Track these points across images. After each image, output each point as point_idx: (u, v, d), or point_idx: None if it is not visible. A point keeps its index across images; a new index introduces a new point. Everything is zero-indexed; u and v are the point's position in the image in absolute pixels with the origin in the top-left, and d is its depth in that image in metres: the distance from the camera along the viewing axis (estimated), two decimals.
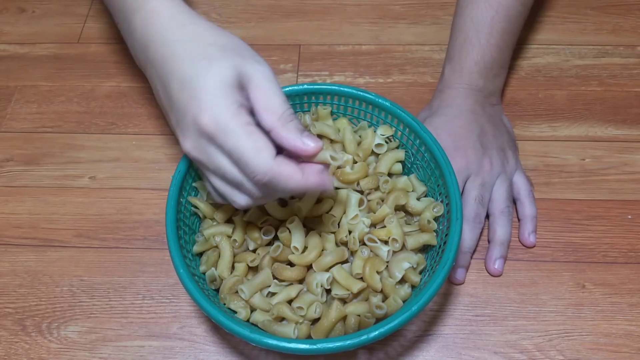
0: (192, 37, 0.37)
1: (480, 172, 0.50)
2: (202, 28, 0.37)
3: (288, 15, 0.67)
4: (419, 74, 0.62)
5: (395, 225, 0.44)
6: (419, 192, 0.47)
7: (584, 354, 0.45)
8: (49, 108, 0.61)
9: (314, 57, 0.63)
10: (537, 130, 0.57)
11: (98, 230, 0.53)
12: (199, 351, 0.47)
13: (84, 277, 0.50)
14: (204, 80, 0.34)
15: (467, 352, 0.46)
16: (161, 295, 0.49)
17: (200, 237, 0.46)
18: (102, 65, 0.64)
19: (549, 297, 0.48)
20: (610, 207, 0.52)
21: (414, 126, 0.45)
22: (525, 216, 0.51)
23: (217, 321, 0.38)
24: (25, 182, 0.56)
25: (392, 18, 0.66)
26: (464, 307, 0.48)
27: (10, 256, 0.52)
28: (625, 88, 0.60)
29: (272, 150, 0.34)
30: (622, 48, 0.62)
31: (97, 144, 0.58)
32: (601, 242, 0.51)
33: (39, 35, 0.67)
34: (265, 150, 0.33)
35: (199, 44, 0.36)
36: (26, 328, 0.48)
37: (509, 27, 0.54)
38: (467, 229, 0.48)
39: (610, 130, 0.57)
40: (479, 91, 0.53)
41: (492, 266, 0.49)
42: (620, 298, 0.48)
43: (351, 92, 0.47)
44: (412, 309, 0.37)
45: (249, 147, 0.33)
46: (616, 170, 0.54)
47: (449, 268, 0.39)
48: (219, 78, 0.34)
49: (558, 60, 0.62)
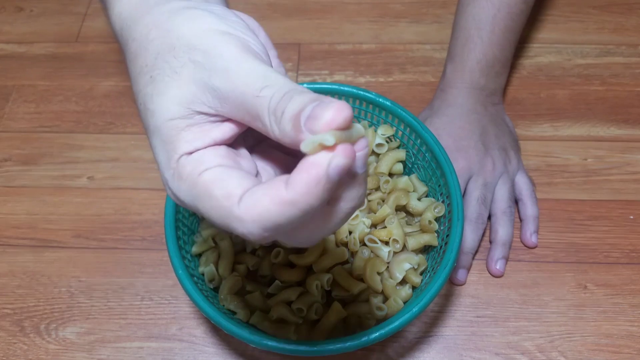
0: (140, 44, 0.26)
1: (482, 172, 0.49)
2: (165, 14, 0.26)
3: (288, 14, 0.67)
4: (420, 73, 0.61)
5: (396, 225, 0.43)
6: (420, 193, 0.46)
7: (586, 355, 0.45)
8: (47, 107, 0.61)
9: (314, 56, 0.63)
10: (539, 130, 0.57)
11: (96, 230, 0.52)
12: (198, 352, 0.46)
13: (83, 278, 0.50)
14: (150, 123, 0.25)
15: (468, 353, 0.46)
16: (160, 297, 0.49)
17: (199, 238, 0.45)
18: (101, 64, 0.64)
19: (550, 298, 0.48)
20: (612, 208, 0.52)
21: (414, 126, 0.45)
22: (527, 216, 0.50)
23: (217, 322, 0.37)
24: (23, 182, 0.56)
25: (393, 17, 0.66)
26: (465, 308, 0.48)
27: (9, 257, 0.51)
28: (627, 87, 0.59)
29: (239, 190, 0.22)
30: (624, 47, 0.62)
31: (96, 143, 0.58)
32: (603, 243, 0.50)
33: (37, 35, 0.66)
34: (225, 199, 0.22)
35: (141, 59, 0.26)
36: (24, 329, 0.48)
37: (511, 25, 0.53)
38: (469, 229, 0.48)
39: (613, 130, 0.56)
40: (481, 90, 0.53)
41: (493, 267, 0.48)
42: (622, 299, 0.47)
43: (351, 91, 0.47)
44: (413, 310, 0.37)
45: (207, 206, 0.23)
46: (618, 170, 0.54)
47: (450, 269, 0.39)
48: (167, 117, 0.24)
49: (560, 59, 0.62)
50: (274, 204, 0.20)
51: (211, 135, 0.24)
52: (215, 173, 0.23)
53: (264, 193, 0.21)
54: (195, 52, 0.24)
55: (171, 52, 0.24)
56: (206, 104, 0.24)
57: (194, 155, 0.24)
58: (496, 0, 0.53)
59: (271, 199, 0.20)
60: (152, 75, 0.25)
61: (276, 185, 0.21)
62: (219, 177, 0.23)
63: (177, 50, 0.24)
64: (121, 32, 0.28)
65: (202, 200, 0.23)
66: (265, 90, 0.22)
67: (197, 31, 0.25)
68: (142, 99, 0.25)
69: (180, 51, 0.24)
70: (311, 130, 0.20)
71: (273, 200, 0.20)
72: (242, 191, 0.22)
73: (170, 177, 0.24)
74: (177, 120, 0.24)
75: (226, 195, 0.22)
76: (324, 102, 0.21)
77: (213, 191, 0.22)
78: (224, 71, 0.23)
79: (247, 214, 0.21)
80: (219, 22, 0.25)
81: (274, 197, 0.20)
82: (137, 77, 0.26)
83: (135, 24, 0.27)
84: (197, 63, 0.24)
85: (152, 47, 0.25)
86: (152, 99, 0.25)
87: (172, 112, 0.24)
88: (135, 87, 0.26)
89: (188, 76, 0.24)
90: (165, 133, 0.24)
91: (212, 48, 0.24)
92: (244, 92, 0.23)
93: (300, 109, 0.21)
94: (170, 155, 0.24)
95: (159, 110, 0.24)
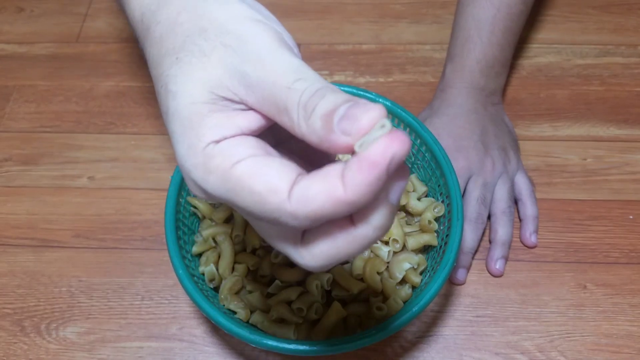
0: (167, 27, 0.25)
1: (482, 172, 0.49)
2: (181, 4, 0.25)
3: (288, 14, 0.67)
4: (419, 73, 0.61)
5: (396, 225, 0.43)
6: (420, 192, 0.47)
7: (585, 354, 0.45)
8: (48, 108, 0.61)
9: (314, 57, 0.63)
10: (539, 130, 0.57)
11: (96, 230, 0.53)
12: (198, 352, 0.46)
13: (83, 278, 0.50)
14: (171, 105, 0.23)
15: (468, 353, 0.46)
16: (160, 296, 0.49)
17: (200, 238, 0.45)
18: (101, 64, 0.64)
19: (550, 298, 0.48)
20: (611, 208, 0.52)
21: (414, 126, 0.45)
22: (527, 216, 0.50)
23: (217, 322, 0.37)
24: (23, 182, 0.56)
25: (393, 17, 0.66)
26: (465, 307, 0.48)
27: (9, 256, 0.51)
28: (627, 88, 0.59)
29: (285, 183, 0.21)
30: (623, 47, 0.62)
31: (96, 143, 0.58)
32: (603, 243, 0.50)
33: (38, 35, 0.67)
34: (272, 194, 0.21)
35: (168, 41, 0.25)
36: (25, 329, 0.48)
37: (510, 26, 0.53)
38: (469, 229, 0.48)
39: (612, 130, 0.57)
40: (481, 90, 0.53)
41: (493, 266, 0.49)
42: (622, 299, 0.48)
43: (351, 91, 0.47)
44: (412, 310, 0.37)
45: (248, 201, 0.21)
46: (618, 170, 0.54)
47: (450, 269, 0.39)
48: (190, 100, 0.23)
49: (559, 59, 0.62)
50: (331, 203, 0.20)
51: (237, 122, 0.23)
52: (250, 165, 0.21)
53: (320, 190, 0.20)
54: (229, 36, 0.23)
55: (202, 34, 0.23)
56: (231, 90, 0.23)
57: (221, 144, 0.22)
58: (496, 1, 0.53)
59: (328, 196, 0.20)
60: (178, 56, 0.24)
61: (332, 182, 0.20)
62: (257, 170, 0.21)
63: (208, 32, 0.23)
64: (142, 17, 0.27)
65: (240, 195, 0.21)
66: (297, 84, 0.21)
67: (231, 16, 0.24)
68: (163, 81, 0.24)
69: (212, 34, 0.23)
70: (345, 131, 0.20)
71: (330, 198, 0.20)
72: (288, 184, 0.21)
73: (192, 168, 0.22)
74: (200, 105, 0.22)
75: (272, 190, 0.21)
76: (359, 103, 0.20)
77: (254, 186, 0.21)
78: (257, 58, 0.22)
79: (301, 210, 0.20)
80: (253, 11, 0.24)
81: (331, 195, 0.20)
82: (160, 60, 0.24)
83: (160, 8, 0.25)
84: (229, 47, 0.23)
85: (181, 29, 0.24)
86: (176, 80, 0.23)
87: (196, 95, 0.23)
88: (157, 71, 0.25)
89: (217, 59, 0.23)
90: (187, 117, 0.23)
91: (247, 34, 0.23)
92: (275, 82, 0.22)
93: (333, 108, 0.20)
94: (193, 143, 0.22)
95: (181, 92, 0.23)
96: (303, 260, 0.23)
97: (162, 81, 0.24)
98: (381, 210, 0.21)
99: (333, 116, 0.20)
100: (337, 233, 0.22)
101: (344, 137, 0.20)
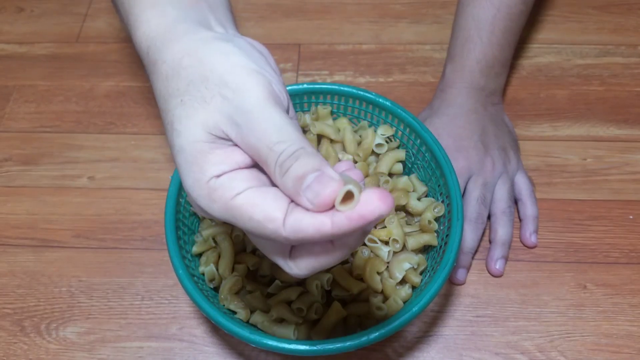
0: (172, 68, 0.28)
1: (482, 172, 0.49)
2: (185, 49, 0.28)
3: (288, 14, 0.67)
4: (419, 73, 0.61)
5: (396, 225, 0.43)
6: (420, 192, 0.47)
7: (585, 354, 0.45)
8: (48, 108, 0.61)
9: (314, 57, 0.63)
10: (539, 130, 0.57)
11: (96, 230, 0.53)
12: (198, 352, 0.46)
13: (83, 278, 0.50)
14: (176, 142, 0.27)
15: (468, 353, 0.46)
16: (160, 296, 0.49)
17: (200, 238, 0.45)
18: (101, 64, 0.64)
19: (550, 298, 0.48)
20: (611, 208, 0.52)
21: (414, 126, 0.45)
22: (527, 216, 0.50)
23: (217, 322, 0.37)
24: (23, 182, 0.56)
25: (393, 17, 0.66)
26: (465, 307, 0.48)
27: (9, 256, 0.51)
28: (626, 88, 0.59)
29: (280, 213, 0.24)
30: (623, 47, 0.62)
31: (96, 143, 0.58)
32: (603, 243, 0.50)
33: (38, 35, 0.67)
34: (269, 222, 0.24)
35: (174, 82, 0.28)
36: (25, 329, 0.48)
37: (510, 26, 0.53)
38: (469, 229, 0.48)
39: (612, 130, 0.57)
40: (481, 90, 0.53)
41: (493, 266, 0.49)
42: (622, 299, 0.48)
43: (351, 91, 0.47)
44: (412, 309, 0.37)
45: (248, 225, 0.25)
46: (618, 170, 0.54)
47: (450, 269, 0.39)
48: (192, 139, 0.26)
49: (559, 59, 0.62)
50: (319, 235, 0.24)
51: (235, 158, 0.26)
52: (248, 197, 0.25)
53: (311, 223, 0.24)
54: (226, 89, 0.26)
55: (204, 82, 0.27)
56: (226, 133, 0.26)
57: (222, 178, 0.26)
58: (496, 1, 0.53)
59: (316, 230, 0.23)
60: (182, 99, 0.27)
61: (321, 220, 0.23)
62: (254, 200, 0.25)
63: (209, 82, 0.27)
64: (148, 50, 0.30)
65: (241, 220, 0.25)
66: (277, 146, 0.25)
67: (228, 67, 0.27)
68: (170, 119, 0.28)
69: (212, 84, 0.27)
70: (309, 200, 0.23)
71: (318, 232, 0.23)
72: (282, 214, 0.24)
73: (198, 197, 0.26)
74: (202, 144, 0.26)
75: (268, 219, 0.24)
76: (323, 176, 0.23)
77: (253, 215, 0.25)
78: (248, 113, 0.26)
79: (293, 236, 0.24)
80: (248, 60, 0.27)
81: (319, 230, 0.23)
82: (167, 98, 0.28)
83: (166, 47, 0.29)
84: (226, 98, 0.26)
85: (185, 73, 0.27)
86: (181, 121, 0.27)
87: (197, 135, 0.26)
88: (164, 106, 0.28)
89: (215, 107, 0.26)
90: (190, 154, 0.26)
91: (242, 88, 0.26)
92: (260, 139, 0.25)
93: (302, 174, 0.24)
94: (197, 177, 0.26)
95: (185, 132, 0.26)
96: (291, 270, 0.27)
97: (168, 118, 0.28)
98: (358, 236, 0.26)
99: (302, 182, 0.24)
100: (319, 251, 0.26)
101: (309, 204, 0.23)
